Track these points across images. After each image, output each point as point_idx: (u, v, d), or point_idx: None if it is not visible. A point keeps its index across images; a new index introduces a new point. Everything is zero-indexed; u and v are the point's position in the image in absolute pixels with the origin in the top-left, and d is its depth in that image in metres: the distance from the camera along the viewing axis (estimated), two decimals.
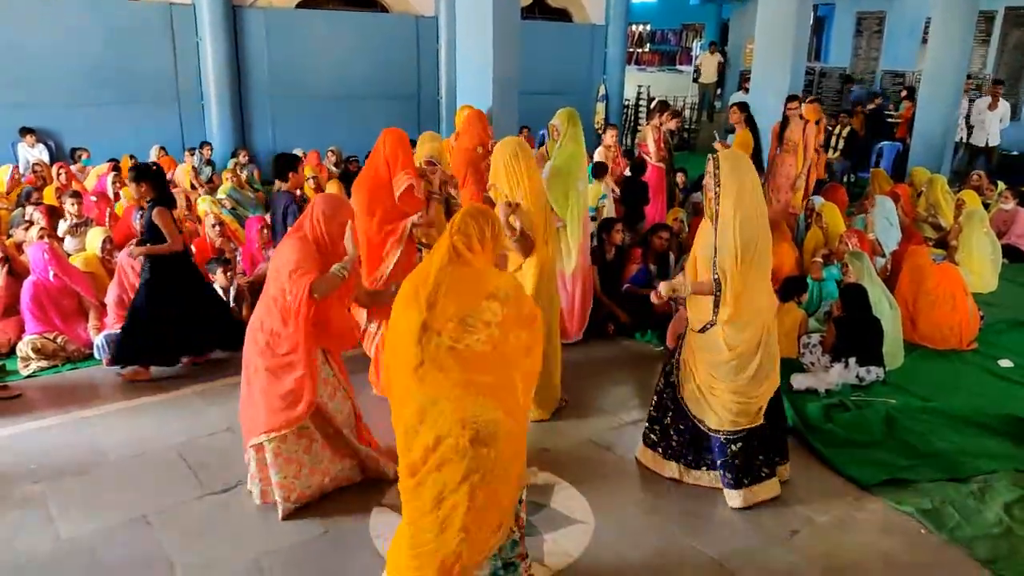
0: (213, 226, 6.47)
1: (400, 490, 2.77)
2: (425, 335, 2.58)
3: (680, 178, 8.90)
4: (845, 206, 7.98)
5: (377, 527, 3.55)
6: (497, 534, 2.74)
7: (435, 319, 2.58)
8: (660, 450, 3.98)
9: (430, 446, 2.61)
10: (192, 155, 9.85)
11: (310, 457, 3.63)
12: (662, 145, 8.06)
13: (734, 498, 3.72)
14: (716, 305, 3.53)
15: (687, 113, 16.11)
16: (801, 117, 8.16)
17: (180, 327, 4.99)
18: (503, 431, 2.63)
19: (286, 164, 5.98)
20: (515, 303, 2.69)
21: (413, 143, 4.58)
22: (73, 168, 8.92)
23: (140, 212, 6.75)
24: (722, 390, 3.64)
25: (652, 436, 4.01)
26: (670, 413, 3.90)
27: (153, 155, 9.72)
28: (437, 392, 2.59)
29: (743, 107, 8.19)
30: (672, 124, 8.38)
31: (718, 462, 3.76)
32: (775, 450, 3.83)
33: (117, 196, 7.79)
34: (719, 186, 3.46)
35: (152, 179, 4.98)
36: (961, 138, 12.20)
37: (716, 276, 3.51)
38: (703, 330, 3.63)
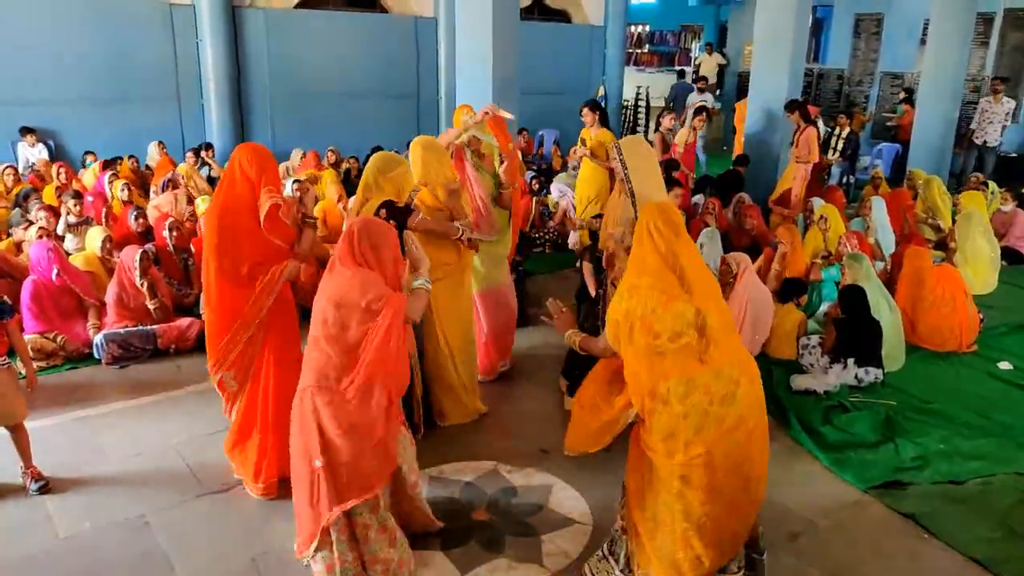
0: None
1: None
2: (699, 320, 2.73)
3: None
4: (842, 207, 7.99)
5: None
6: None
7: (701, 301, 2.75)
8: None
9: (733, 416, 2.76)
10: (196, 158, 9.78)
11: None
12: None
13: None
14: None
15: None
16: (804, 121, 8.30)
17: None
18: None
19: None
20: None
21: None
22: (81, 172, 8.91)
23: (136, 211, 6.79)
24: None
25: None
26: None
27: (152, 152, 9.70)
28: (728, 362, 2.76)
29: (594, 107, 7.68)
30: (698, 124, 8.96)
31: None
32: None
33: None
34: (626, 168, 3.96)
35: None
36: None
37: None
38: None
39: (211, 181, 9.45)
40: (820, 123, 11.76)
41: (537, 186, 8.91)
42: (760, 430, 2.88)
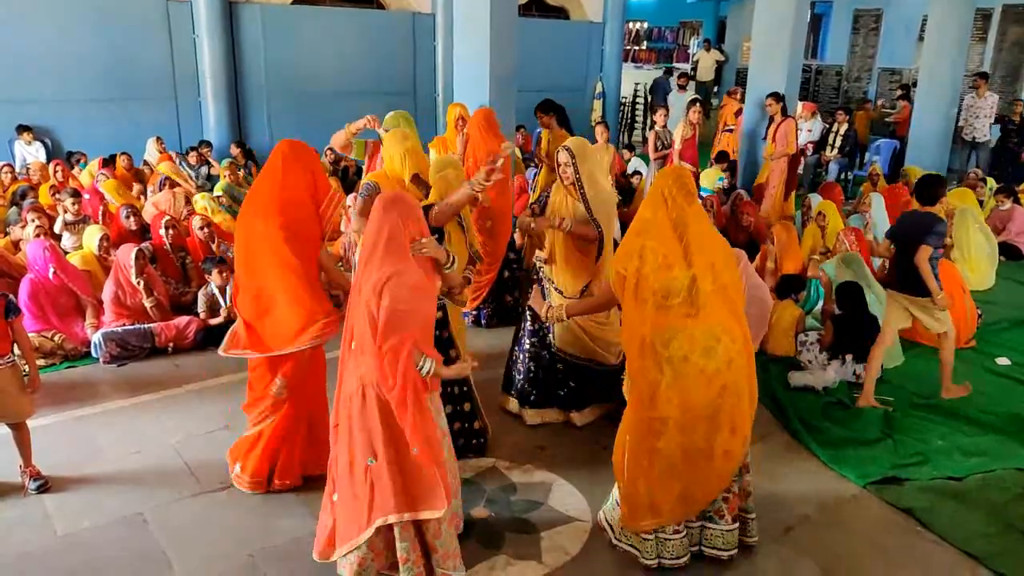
0: (201, 228, 6.46)
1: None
2: (695, 287, 2.93)
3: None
4: (841, 204, 7.99)
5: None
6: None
7: (698, 269, 2.95)
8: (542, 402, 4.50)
9: (711, 368, 2.96)
10: (199, 156, 9.74)
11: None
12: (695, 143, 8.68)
13: None
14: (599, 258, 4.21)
15: None
16: (783, 114, 8.41)
17: None
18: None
19: (933, 187, 4.77)
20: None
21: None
22: (72, 171, 8.88)
23: (127, 209, 6.78)
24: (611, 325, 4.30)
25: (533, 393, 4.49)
26: (546, 367, 4.44)
27: (150, 148, 9.68)
28: (714, 322, 2.96)
29: (546, 109, 7.10)
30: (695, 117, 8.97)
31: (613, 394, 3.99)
32: None
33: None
34: (578, 173, 4.11)
35: None
36: None
37: (600, 230, 4.15)
38: (583, 292, 4.23)
39: (210, 179, 9.44)
40: (819, 119, 11.78)
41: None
42: (733, 390, 3.00)
